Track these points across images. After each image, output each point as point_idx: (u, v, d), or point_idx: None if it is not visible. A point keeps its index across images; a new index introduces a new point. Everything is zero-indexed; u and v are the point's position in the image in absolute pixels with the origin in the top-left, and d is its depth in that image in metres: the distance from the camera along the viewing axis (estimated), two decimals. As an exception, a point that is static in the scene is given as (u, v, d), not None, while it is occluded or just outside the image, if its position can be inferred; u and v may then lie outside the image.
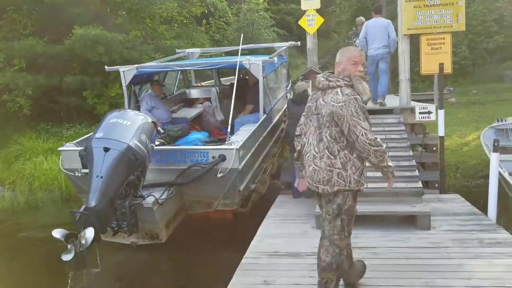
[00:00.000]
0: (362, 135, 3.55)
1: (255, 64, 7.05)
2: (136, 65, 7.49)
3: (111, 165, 4.77)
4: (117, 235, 5.57)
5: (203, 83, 10.79)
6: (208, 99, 9.35)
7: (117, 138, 4.92)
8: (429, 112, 9.26)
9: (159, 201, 5.46)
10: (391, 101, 10.59)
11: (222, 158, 5.72)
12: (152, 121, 5.72)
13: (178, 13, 16.83)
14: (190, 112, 8.99)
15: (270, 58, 7.70)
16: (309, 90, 8.50)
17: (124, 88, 7.55)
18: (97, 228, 4.66)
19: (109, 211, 4.93)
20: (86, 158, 5.08)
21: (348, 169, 3.54)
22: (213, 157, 5.75)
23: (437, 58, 9.21)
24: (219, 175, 5.64)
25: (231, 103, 6.43)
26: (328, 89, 3.59)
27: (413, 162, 7.52)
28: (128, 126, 5.08)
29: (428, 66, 9.36)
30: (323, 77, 3.66)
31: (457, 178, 10.18)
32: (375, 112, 9.63)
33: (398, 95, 9.62)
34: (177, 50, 9.88)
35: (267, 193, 8.18)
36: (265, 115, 7.52)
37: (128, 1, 14.75)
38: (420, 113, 9.26)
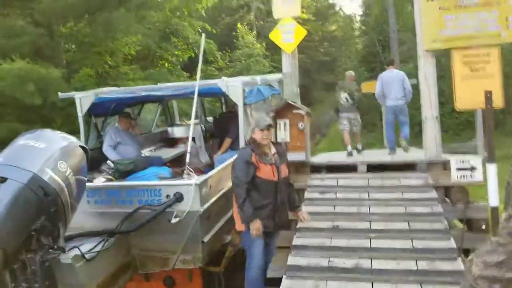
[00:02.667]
0: None
1: (233, 86, 6.15)
2: (94, 91, 6.87)
3: (7, 201, 3.86)
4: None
5: (186, 121, 10.04)
6: (192, 139, 7.82)
7: (20, 165, 4.05)
8: (473, 169, 5.88)
9: (87, 255, 4.49)
10: (413, 153, 7.31)
11: (178, 197, 4.83)
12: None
13: (147, 48, 14.10)
14: (168, 152, 8.12)
15: (252, 79, 6.67)
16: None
17: (80, 118, 6.68)
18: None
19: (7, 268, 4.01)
20: None
21: None
22: (167, 196, 4.89)
23: (480, 85, 5.96)
24: (173, 221, 4.73)
25: (220, 142, 6.00)
26: None
27: (459, 263, 4.07)
28: (40, 149, 4.20)
29: (466, 97, 6.11)
30: None
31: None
32: (388, 168, 6.29)
33: (420, 147, 7.64)
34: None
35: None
36: None
37: (78, 33, 11.98)
38: (458, 169, 5.88)
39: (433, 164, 6.21)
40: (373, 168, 6.34)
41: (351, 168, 6.39)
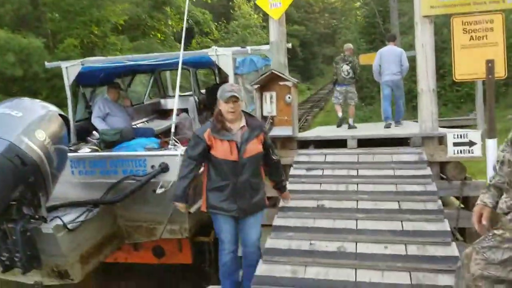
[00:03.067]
0: None
1: (223, 55, 5.93)
2: (81, 60, 6.61)
3: None
4: (14, 272, 4.41)
5: (181, 93, 9.15)
6: (186, 110, 8.23)
7: None
8: (471, 143, 5.49)
9: (69, 225, 4.37)
10: (407, 128, 6.93)
11: (163, 167, 4.73)
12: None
13: (137, 17, 13.51)
14: (161, 124, 7.87)
15: (243, 48, 6.39)
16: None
17: (67, 88, 6.48)
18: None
19: None
20: None
21: None
22: (152, 166, 4.81)
23: (481, 54, 5.53)
24: (158, 191, 4.60)
25: (211, 114, 5.20)
26: None
27: (453, 249, 3.73)
28: (17, 118, 4.09)
29: (466, 67, 5.69)
30: None
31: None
32: (380, 143, 5.90)
33: (416, 121, 7.26)
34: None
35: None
36: None
37: (62, 1, 11.39)
38: (455, 144, 5.49)
39: (429, 139, 5.81)
40: (364, 143, 5.95)
41: (340, 143, 6.00)
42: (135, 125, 7.32)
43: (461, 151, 5.52)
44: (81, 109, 7.00)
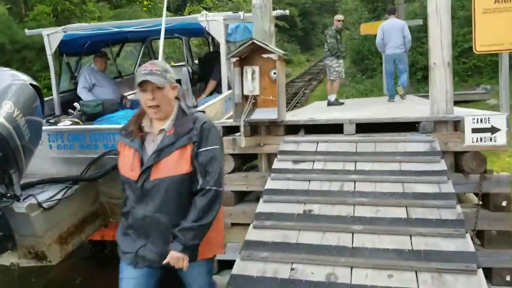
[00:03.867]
0: None
1: (214, 21, 5.76)
2: (63, 27, 6.45)
3: None
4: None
5: (173, 63, 9.89)
6: (178, 81, 6.91)
7: None
8: (494, 130, 4.54)
9: (44, 204, 4.14)
10: (415, 109, 5.97)
11: None
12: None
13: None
14: None
15: (235, 13, 6.32)
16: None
17: (49, 57, 6.30)
18: None
19: None
20: None
21: None
22: None
23: (509, 19, 4.50)
24: None
25: (205, 85, 5.94)
26: None
27: (476, 273, 2.79)
28: None
29: (490, 36, 4.66)
30: None
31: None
32: (384, 127, 4.95)
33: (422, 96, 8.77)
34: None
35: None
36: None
37: (30, -38, 10.23)
38: (474, 130, 4.53)
39: (442, 124, 4.82)
40: (364, 128, 4.97)
41: (337, 128, 5.03)
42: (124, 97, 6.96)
43: (481, 139, 4.57)
44: (66, 80, 6.81)
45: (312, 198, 3.84)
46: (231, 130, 5.26)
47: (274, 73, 5.00)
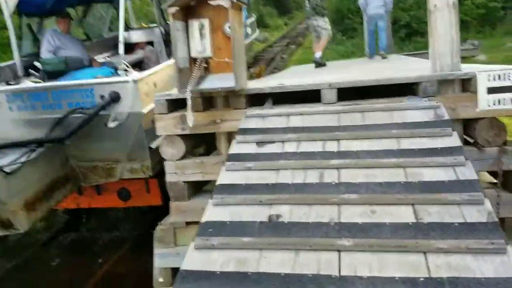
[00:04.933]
0: None
1: None
2: None
3: None
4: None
5: (144, 24, 9.42)
6: (151, 43, 7.83)
7: None
8: (516, 88, 3.48)
9: (6, 169, 4.02)
10: (407, 66, 4.93)
11: (114, 97, 4.36)
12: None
13: None
14: (124, 59, 7.01)
15: None
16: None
17: (7, 18, 5.57)
18: None
19: None
20: None
21: None
22: (101, 97, 4.39)
23: None
24: (110, 125, 4.32)
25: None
26: None
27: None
28: None
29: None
30: None
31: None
32: (373, 92, 3.84)
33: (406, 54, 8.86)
34: None
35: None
36: None
37: None
38: (491, 90, 3.50)
39: (447, 83, 3.74)
40: (347, 94, 3.86)
41: (312, 96, 3.91)
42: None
43: (499, 101, 3.54)
44: (27, 43, 6.37)
45: (281, 196, 2.74)
46: (178, 104, 4.10)
47: (229, 27, 3.81)
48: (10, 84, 5.05)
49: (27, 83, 5.05)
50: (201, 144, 4.62)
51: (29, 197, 4.46)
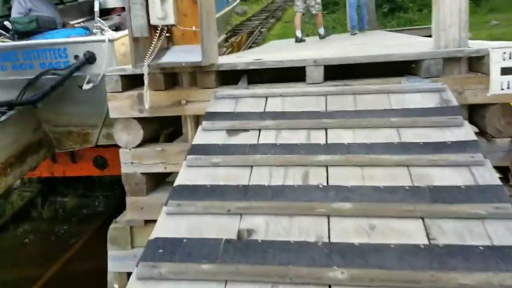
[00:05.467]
0: None
1: None
2: None
3: None
4: None
5: None
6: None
7: None
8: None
9: None
10: (395, 41, 4.47)
11: (89, 57, 4.16)
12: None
13: None
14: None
15: None
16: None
17: None
18: None
19: None
20: None
21: None
22: (75, 57, 4.18)
23: None
24: (85, 87, 4.10)
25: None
26: None
27: None
28: None
29: None
30: None
31: None
32: (366, 71, 3.24)
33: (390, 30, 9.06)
34: None
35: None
36: None
37: None
38: (506, 71, 2.94)
39: (453, 62, 3.18)
40: (336, 73, 3.27)
41: (295, 75, 3.30)
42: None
43: (517, 85, 2.99)
44: None
45: (255, 203, 2.15)
46: (136, 81, 3.43)
47: (196, -11, 3.13)
48: None
49: None
50: (166, 128, 3.99)
51: (0, 162, 4.35)
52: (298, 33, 8.45)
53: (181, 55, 3.25)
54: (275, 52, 5.44)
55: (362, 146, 2.48)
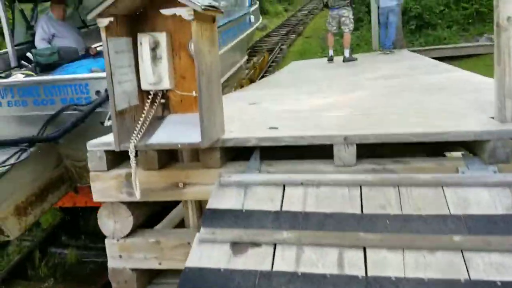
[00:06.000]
0: None
1: None
2: None
3: None
4: None
5: None
6: None
7: None
8: None
9: None
10: (462, 114, 3.68)
11: None
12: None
13: None
14: None
15: None
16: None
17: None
18: None
19: None
20: None
21: None
22: (97, 92, 4.17)
23: None
24: (107, 123, 3.45)
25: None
26: None
27: None
28: None
29: None
30: None
31: None
32: (408, 149, 2.51)
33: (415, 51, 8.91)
34: None
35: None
36: None
37: None
38: None
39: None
40: (371, 150, 2.58)
41: (320, 152, 2.62)
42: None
43: None
44: (21, 30, 6.32)
45: None
46: (123, 156, 2.81)
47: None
48: (0, 77, 4.82)
49: (18, 76, 4.79)
50: (161, 210, 3.36)
51: (20, 202, 4.31)
52: (331, 52, 8.81)
53: (177, 128, 2.61)
54: (291, 94, 4.76)
55: (416, 285, 1.78)
